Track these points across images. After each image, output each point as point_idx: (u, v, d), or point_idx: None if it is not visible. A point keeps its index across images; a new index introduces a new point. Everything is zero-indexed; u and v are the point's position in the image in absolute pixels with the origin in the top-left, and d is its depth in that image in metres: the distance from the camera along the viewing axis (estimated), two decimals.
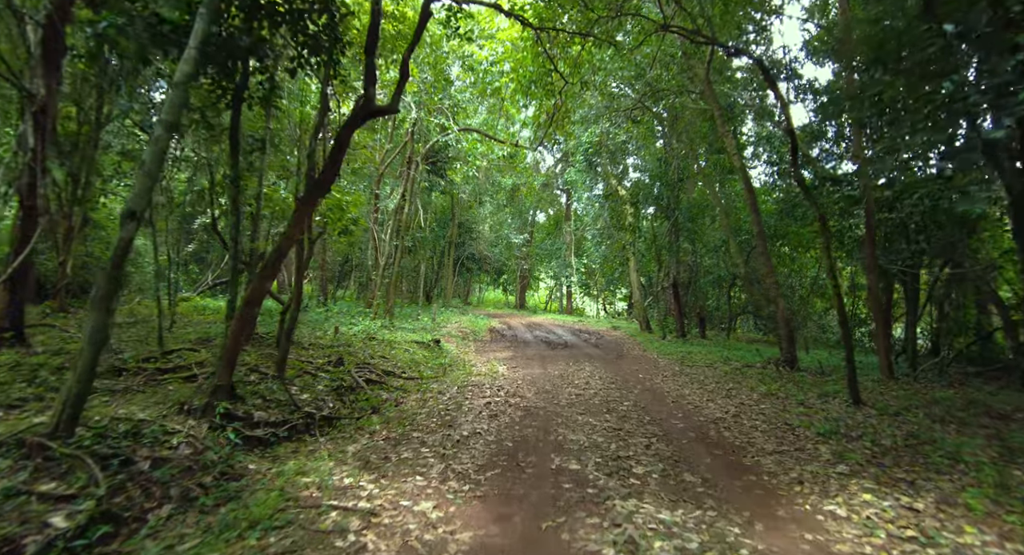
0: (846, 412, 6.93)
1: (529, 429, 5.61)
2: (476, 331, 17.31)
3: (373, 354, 10.13)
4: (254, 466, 4.41)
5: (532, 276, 39.13)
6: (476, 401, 6.90)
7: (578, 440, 5.20)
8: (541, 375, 9.37)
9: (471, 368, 9.92)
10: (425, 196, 24.65)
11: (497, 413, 6.26)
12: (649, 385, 8.68)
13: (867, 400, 7.72)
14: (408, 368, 9.37)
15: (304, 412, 5.64)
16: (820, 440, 5.49)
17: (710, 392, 8.10)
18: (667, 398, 7.62)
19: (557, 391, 7.90)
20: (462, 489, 3.91)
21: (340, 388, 6.89)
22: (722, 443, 5.38)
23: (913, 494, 3.95)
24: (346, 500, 3.73)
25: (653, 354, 13.01)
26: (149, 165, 3.61)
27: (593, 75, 11.68)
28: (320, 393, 6.54)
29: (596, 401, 7.20)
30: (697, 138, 17.96)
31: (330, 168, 5.07)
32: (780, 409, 6.98)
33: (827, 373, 10.96)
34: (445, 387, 7.97)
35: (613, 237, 22.55)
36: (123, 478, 3.55)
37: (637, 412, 6.61)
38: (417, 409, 6.54)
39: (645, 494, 3.90)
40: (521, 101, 11.25)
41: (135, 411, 4.69)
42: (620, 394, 7.75)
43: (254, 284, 5.01)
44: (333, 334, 11.98)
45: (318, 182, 5.04)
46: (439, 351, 11.76)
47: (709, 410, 6.85)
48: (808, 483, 4.21)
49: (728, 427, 6.01)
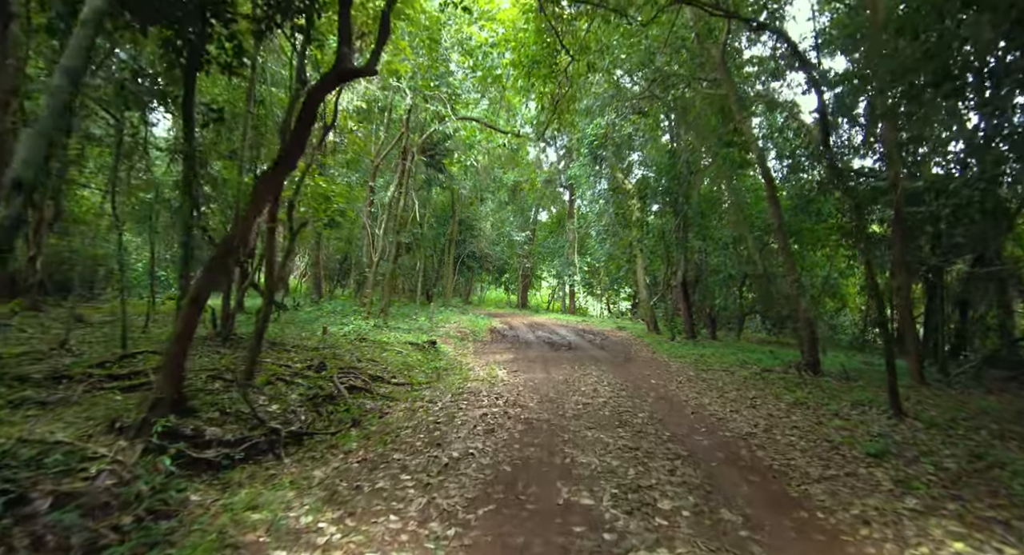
0: (889, 425, 6.12)
1: (531, 448, 4.81)
2: (476, 331, 16.51)
3: (362, 357, 9.33)
4: (197, 497, 3.62)
5: (534, 275, 38.31)
6: (471, 412, 6.10)
7: (589, 464, 4.40)
8: (544, 380, 8.57)
9: (468, 372, 9.13)
10: (424, 192, 23.89)
11: (494, 427, 5.46)
12: (663, 392, 7.87)
13: (907, 410, 6.92)
14: (399, 372, 8.58)
15: (268, 427, 4.84)
16: (871, 462, 4.68)
17: (732, 401, 7.29)
18: (685, 408, 6.80)
19: (562, 399, 7.10)
20: (446, 534, 3.10)
21: (317, 397, 6.09)
22: (758, 466, 4.57)
23: (1015, 542, 3.14)
24: (298, 549, 2.93)
25: (664, 357, 12.19)
26: (44, 123, 2.81)
27: (600, 58, 10.87)
28: (293, 403, 5.75)
29: (606, 412, 6.39)
30: (706, 131, 17.13)
31: (295, 141, 4.28)
32: (815, 422, 6.17)
33: (852, 378, 10.12)
34: (438, 394, 7.17)
35: (618, 234, 21.71)
36: (6, 524, 2.76)
37: (654, 426, 5.80)
38: (403, 422, 5.74)
39: (676, 540, 3.10)
40: (522, 83, 10.44)
41: (56, 430, 3.90)
42: (633, 404, 6.94)
43: (201, 278, 4.22)
44: (321, 335, 11.19)
45: (281, 158, 4.25)
46: (435, 353, 10.97)
47: (735, 423, 6.04)
48: (876, 524, 3.40)
49: (761, 445, 5.20)
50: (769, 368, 10.42)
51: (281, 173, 4.41)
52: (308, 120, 4.23)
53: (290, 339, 10.41)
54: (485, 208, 32.40)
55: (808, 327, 10.66)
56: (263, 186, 4.30)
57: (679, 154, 17.48)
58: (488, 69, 12.98)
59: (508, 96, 15.92)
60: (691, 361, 11.38)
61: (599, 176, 22.05)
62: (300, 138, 4.29)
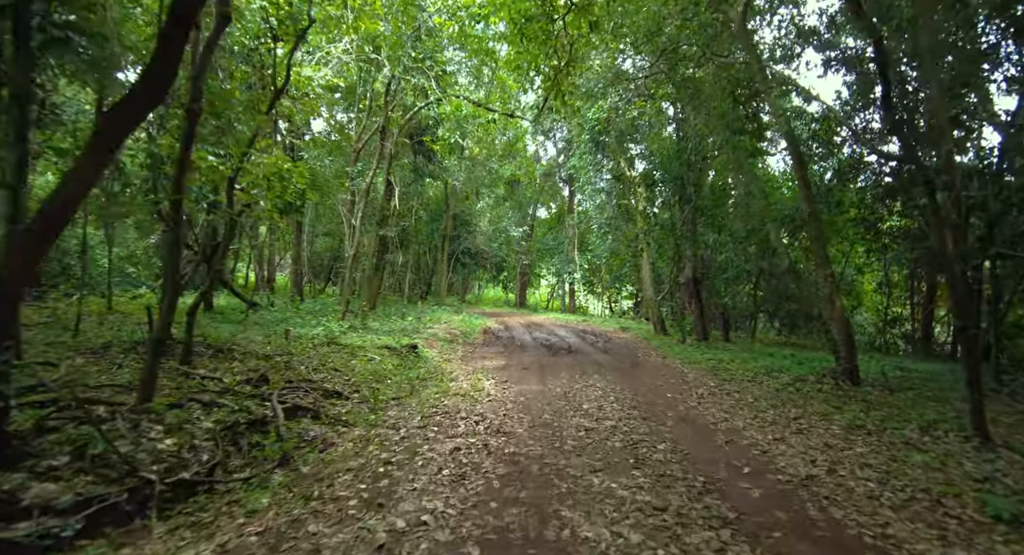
0: (984, 459, 4.69)
1: (513, 510, 3.37)
2: (467, 333, 15.07)
3: (323, 365, 7.90)
4: None
5: (533, 273, 36.87)
6: (440, 446, 4.66)
7: (598, 542, 2.96)
8: (539, 394, 7.13)
9: (449, 383, 7.69)
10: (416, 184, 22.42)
11: (466, 471, 4.02)
12: (684, 411, 6.43)
13: (991, 434, 5.48)
14: (364, 385, 7.14)
15: (138, 478, 3.41)
16: (1007, 531, 3.25)
17: (771, 424, 5.85)
18: (716, 435, 5.36)
19: (560, 421, 5.67)
20: None
21: (238, 425, 4.66)
22: (843, 539, 3.14)
23: None
24: None
25: (676, 362, 10.75)
26: None
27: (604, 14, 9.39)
28: (200, 436, 4.31)
29: (616, 442, 4.95)
30: (716, 117, 15.69)
31: (162, 59, 2.85)
32: (888, 457, 4.73)
33: (895, 388, 8.70)
34: (405, 416, 5.74)
35: (621, 228, 20.25)
36: None
37: (680, 464, 4.37)
38: (348, 459, 4.31)
39: None
40: (515, 52, 9.00)
41: None
42: (648, 428, 5.50)
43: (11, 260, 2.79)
44: (284, 338, 9.76)
45: (139, 84, 2.82)
46: (414, 359, 9.53)
47: (786, 459, 4.60)
48: None
49: (832, 496, 3.76)
50: (801, 377, 8.99)
51: (136, 107, 2.99)
52: (179, 24, 2.80)
53: (245, 343, 8.99)
54: (481, 203, 30.96)
55: (844, 329, 9.23)
56: (108, 124, 2.88)
57: (688, 139, 16.03)
58: (477, 40, 11.52)
59: (501, 76, 14.44)
60: (708, 368, 9.94)
61: (601, 167, 20.59)
62: (169, 59, 2.86)
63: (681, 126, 17.29)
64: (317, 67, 11.40)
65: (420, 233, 27.33)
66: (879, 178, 14.83)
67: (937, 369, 11.87)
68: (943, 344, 19.31)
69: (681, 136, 16.82)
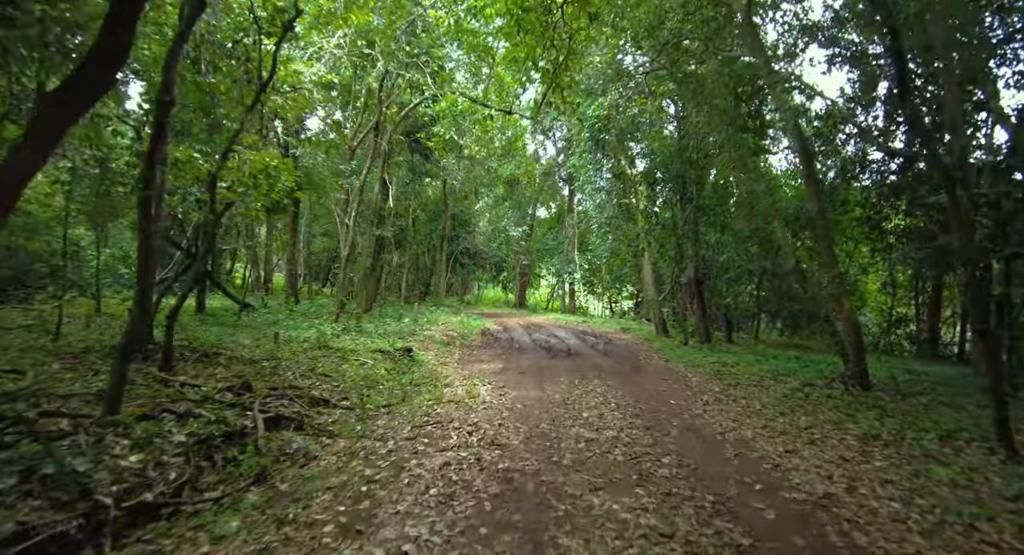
0: (1013, 475, 4.38)
1: (505, 536, 3.06)
2: (465, 334, 14.76)
3: (312, 370, 7.59)
4: None
5: (533, 273, 36.54)
6: (428, 460, 4.35)
7: None
8: (537, 401, 6.82)
9: (443, 389, 7.38)
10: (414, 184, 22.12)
11: (455, 491, 3.71)
12: (689, 420, 6.11)
13: (1017, 445, 5.17)
14: (354, 391, 6.84)
15: (92, 501, 3.10)
16: None
17: (782, 434, 5.53)
18: (724, 447, 5.05)
19: (558, 432, 5.36)
20: None
21: (213, 438, 4.35)
22: None
23: None
24: None
25: (679, 366, 10.43)
26: None
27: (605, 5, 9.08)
28: (173, 450, 4.00)
29: (618, 455, 4.64)
30: (718, 114, 15.38)
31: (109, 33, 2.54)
32: (910, 472, 4.42)
33: (906, 393, 8.39)
34: (394, 426, 5.43)
35: (621, 228, 19.93)
36: None
37: (687, 481, 4.06)
38: (330, 476, 4.00)
39: None
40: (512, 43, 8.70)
41: None
42: (652, 439, 5.18)
43: None
44: (274, 341, 9.46)
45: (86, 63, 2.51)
46: (408, 363, 9.21)
47: (800, 475, 4.29)
48: None
49: (854, 519, 3.45)
50: (809, 381, 8.68)
51: (85, 87, 2.66)
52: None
53: (232, 347, 8.68)
54: (480, 203, 30.64)
55: (853, 331, 8.91)
56: (51, 108, 2.57)
57: (690, 137, 15.72)
58: (473, 34, 11.20)
59: (499, 73, 14.13)
60: (712, 371, 9.63)
61: (601, 166, 20.26)
62: (119, 27, 2.53)
63: (682, 124, 17.00)
64: (309, 63, 11.10)
65: (418, 233, 27.03)
66: (884, 176, 14.54)
67: (947, 372, 11.56)
68: (948, 345, 19.01)
69: (682, 134, 16.53)
